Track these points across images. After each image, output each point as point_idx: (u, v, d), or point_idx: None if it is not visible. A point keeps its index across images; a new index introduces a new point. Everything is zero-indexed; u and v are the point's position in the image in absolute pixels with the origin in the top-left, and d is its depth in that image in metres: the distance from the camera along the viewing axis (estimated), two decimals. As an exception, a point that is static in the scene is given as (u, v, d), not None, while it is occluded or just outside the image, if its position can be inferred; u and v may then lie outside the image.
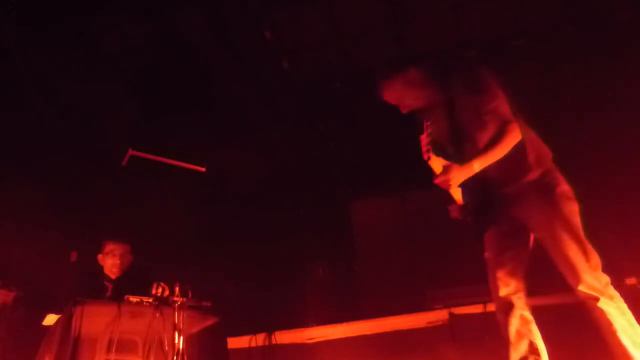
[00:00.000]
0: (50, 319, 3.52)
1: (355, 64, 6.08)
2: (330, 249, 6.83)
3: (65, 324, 3.01)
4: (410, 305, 4.91)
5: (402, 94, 2.93)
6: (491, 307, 4.17)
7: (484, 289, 4.75)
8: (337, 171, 7.27)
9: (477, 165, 2.64)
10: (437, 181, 2.66)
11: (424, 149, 2.62)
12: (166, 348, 3.07)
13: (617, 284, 2.62)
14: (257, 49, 5.55)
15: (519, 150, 2.69)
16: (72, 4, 4.49)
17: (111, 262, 4.01)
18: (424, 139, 2.62)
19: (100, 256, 4.08)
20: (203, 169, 4.60)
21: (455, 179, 2.64)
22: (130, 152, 4.33)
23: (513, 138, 2.67)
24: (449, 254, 6.25)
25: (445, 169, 2.64)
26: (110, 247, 4.05)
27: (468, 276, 5.50)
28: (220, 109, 5.89)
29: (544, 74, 5.61)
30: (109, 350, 3.06)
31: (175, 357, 3.01)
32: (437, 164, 2.66)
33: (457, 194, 2.80)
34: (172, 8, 4.80)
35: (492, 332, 3.98)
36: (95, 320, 3.07)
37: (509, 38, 5.67)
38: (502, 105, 2.73)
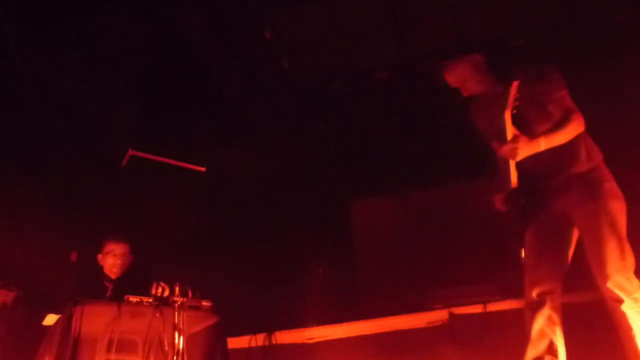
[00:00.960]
0: (50, 319, 3.52)
1: (355, 64, 6.08)
2: (330, 249, 6.82)
3: (65, 324, 3.00)
4: (410, 305, 4.91)
5: (467, 77, 2.96)
6: (491, 307, 4.19)
7: (484, 289, 4.77)
8: (337, 171, 7.27)
9: (544, 144, 2.67)
10: (503, 149, 2.69)
11: (512, 99, 2.62)
12: (166, 348, 3.07)
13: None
14: (257, 49, 5.54)
15: (571, 143, 2.73)
16: (72, 4, 4.49)
17: (111, 262, 4.01)
18: (515, 91, 2.61)
19: (100, 256, 4.07)
20: (203, 169, 4.60)
21: (522, 150, 2.66)
22: (130, 152, 4.32)
23: (577, 126, 2.73)
24: (449, 254, 6.25)
25: (515, 138, 2.66)
26: (110, 247, 4.04)
27: (468, 276, 5.51)
28: (220, 109, 5.89)
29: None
30: (109, 350, 3.05)
31: (175, 357, 3.01)
32: (510, 127, 2.67)
33: (514, 175, 2.76)
34: (172, 8, 4.80)
35: (492, 332, 3.99)
36: (95, 320, 3.06)
37: (509, 38, 5.66)
38: (567, 95, 2.79)
